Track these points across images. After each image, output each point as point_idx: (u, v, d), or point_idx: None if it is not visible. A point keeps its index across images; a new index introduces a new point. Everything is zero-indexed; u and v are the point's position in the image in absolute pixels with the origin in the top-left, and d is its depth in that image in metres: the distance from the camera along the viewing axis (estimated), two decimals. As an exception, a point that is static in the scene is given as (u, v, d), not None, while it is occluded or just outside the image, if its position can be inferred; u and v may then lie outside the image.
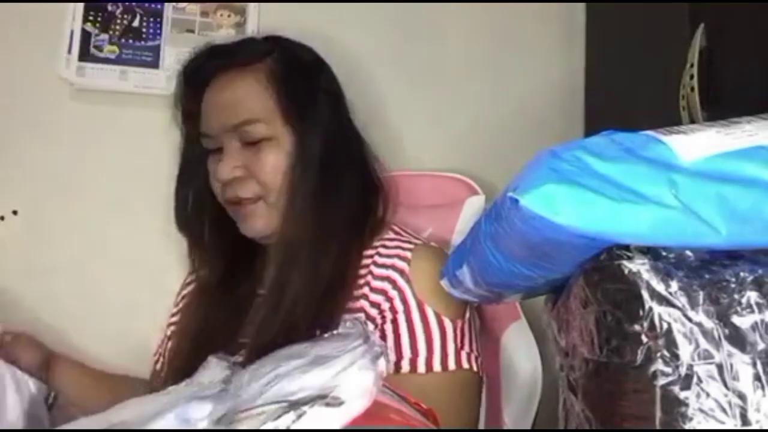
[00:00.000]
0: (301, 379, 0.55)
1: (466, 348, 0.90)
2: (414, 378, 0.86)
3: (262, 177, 0.94)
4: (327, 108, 0.98)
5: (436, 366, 0.87)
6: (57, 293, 1.19)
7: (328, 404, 0.51)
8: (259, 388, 0.56)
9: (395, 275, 0.91)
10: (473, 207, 1.16)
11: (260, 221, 0.96)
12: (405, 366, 0.87)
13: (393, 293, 0.90)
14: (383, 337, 0.88)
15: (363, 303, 0.90)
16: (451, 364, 0.88)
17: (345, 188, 0.96)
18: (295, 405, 0.51)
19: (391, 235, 0.97)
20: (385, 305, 0.90)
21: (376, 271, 0.92)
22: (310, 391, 0.52)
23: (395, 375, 0.85)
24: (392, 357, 0.87)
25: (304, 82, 0.99)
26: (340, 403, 0.51)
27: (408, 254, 0.93)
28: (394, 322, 0.89)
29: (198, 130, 1.00)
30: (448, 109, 1.34)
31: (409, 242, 0.95)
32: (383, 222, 0.99)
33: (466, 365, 0.89)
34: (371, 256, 0.93)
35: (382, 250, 0.94)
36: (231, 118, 0.95)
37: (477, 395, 0.92)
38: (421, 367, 0.87)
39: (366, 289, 0.91)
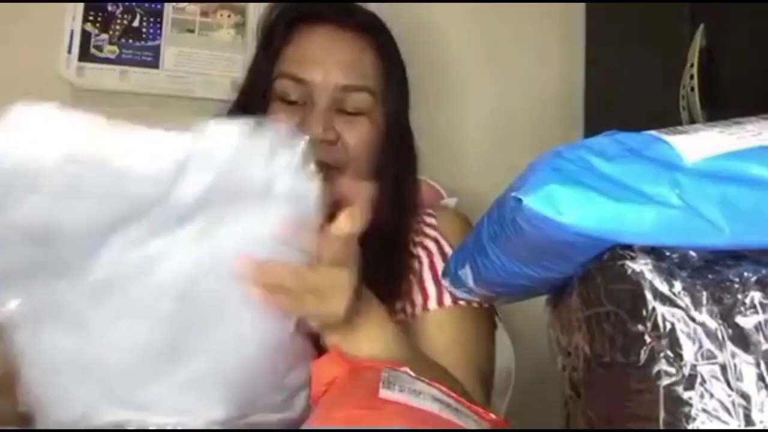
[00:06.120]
0: None
1: None
2: (440, 312, 0.89)
3: (354, 147, 0.91)
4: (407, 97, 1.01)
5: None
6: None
7: None
8: None
9: (428, 230, 0.97)
10: None
11: None
12: (432, 304, 0.89)
13: (429, 241, 0.95)
14: (420, 277, 0.92)
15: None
16: None
17: (415, 173, 1.01)
18: None
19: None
20: (432, 244, 0.95)
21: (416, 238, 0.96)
22: None
23: (424, 312, 0.89)
24: (434, 292, 0.90)
25: (401, 68, 1.00)
26: None
27: (432, 220, 0.98)
28: (431, 264, 0.93)
29: (273, 70, 0.93)
30: (447, 109, 1.34)
31: (427, 213, 0.99)
32: None
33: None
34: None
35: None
36: (344, 78, 0.90)
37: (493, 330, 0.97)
38: (447, 301, 0.89)
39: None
